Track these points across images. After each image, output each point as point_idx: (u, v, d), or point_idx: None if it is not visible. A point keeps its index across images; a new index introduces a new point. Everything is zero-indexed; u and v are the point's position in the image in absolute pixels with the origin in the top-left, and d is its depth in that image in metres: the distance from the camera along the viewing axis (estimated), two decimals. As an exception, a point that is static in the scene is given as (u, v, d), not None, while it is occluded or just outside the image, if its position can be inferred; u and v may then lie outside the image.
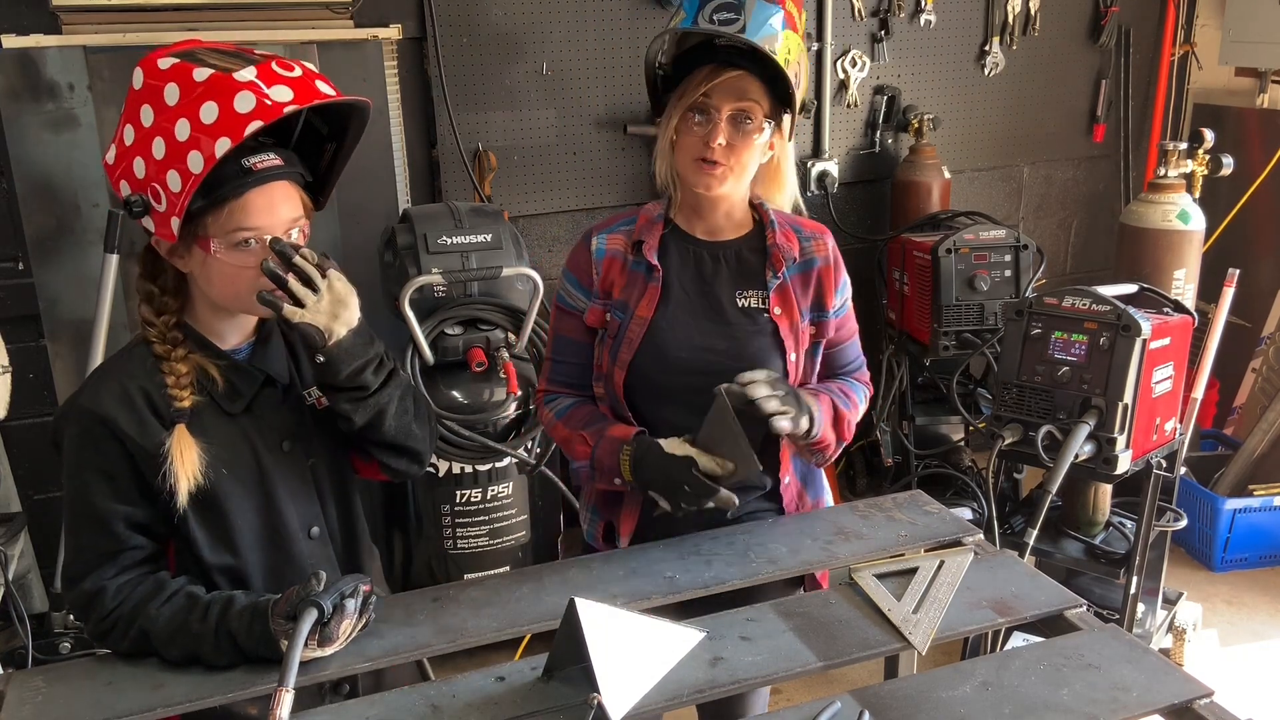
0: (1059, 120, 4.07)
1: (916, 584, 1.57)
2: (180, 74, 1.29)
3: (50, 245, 2.83)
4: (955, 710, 1.30)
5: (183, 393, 1.38)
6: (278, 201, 1.38)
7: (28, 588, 2.92)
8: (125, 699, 1.32)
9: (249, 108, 1.27)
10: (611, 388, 1.71)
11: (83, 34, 2.75)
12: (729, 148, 1.58)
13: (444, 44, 3.12)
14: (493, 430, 2.71)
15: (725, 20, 1.52)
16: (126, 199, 1.34)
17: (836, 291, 1.73)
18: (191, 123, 1.27)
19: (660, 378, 1.68)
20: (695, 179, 1.63)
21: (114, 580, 1.38)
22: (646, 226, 1.71)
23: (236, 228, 1.34)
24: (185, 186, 1.28)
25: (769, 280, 1.69)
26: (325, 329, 1.37)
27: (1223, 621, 3.29)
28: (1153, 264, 2.88)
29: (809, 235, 1.74)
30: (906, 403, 3.53)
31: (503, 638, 1.47)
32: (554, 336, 1.79)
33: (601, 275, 1.71)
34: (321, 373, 1.42)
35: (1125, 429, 2.18)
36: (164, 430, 1.37)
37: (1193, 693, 1.33)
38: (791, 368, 1.70)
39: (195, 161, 1.27)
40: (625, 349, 1.68)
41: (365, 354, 1.43)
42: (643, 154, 3.46)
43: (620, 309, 1.69)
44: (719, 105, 1.57)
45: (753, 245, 1.72)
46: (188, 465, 1.36)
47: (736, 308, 1.69)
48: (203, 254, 1.36)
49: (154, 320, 1.40)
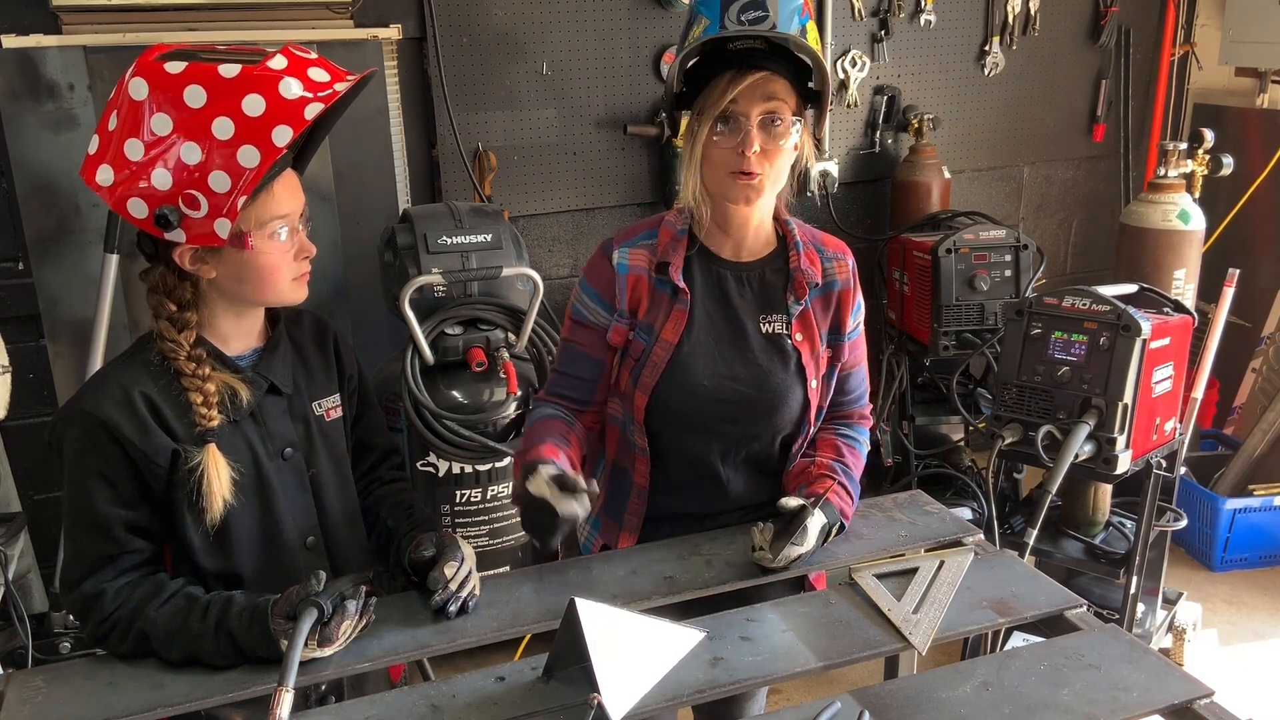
0: (1059, 120, 4.07)
1: (916, 584, 1.57)
2: (200, 74, 1.26)
3: (50, 245, 2.83)
4: (955, 710, 1.30)
5: (212, 412, 1.38)
6: (294, 187, 1.40)
7: (28, 588, 2.91)
8: (125, 699, 1.32)
9: (298, 92, 1.26)
10: (630, 410, 1.67)
11: (83, 34, 2.75)
12: (763, 155, 1.52)
13: (444, 44, 3.12)
14: (493, 430, 2.71)
15: (755, 19, 1.45)
16: (157, 214, 1.28)
17: (853, 314, 1.71)
18: (235, 119, 1.25)
19: (681, 403, 1.64)
20: (733, 194, 1.56)
21: (113, 583, 1.37)
22: (671, 245, 1.64)
23: (272, 217, 1.35)
24: (238, 184, 1.26)
25: (791, 306, 1.65)
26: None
27: (1223, 621, 3.29)
28: (1153, 264, 2.88)
29: (831, 256, 1.69)
30: (906, 403, 3.53)
31: (503, 638, 1.47)
32: (565, 348, 1.72)
33: (628, 294, 1.64)
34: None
35: (1125, 429, 2.18)
36: (166, 436, 1.37)
37: (1193, 693, 1.33)
38: (813, 395, 1.68)
39: (249, 156, 1.25)
40: (649, 373, 1.63)
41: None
42: (643, 154, 3.46)
43: (645, 331, 1.64)
44: (746, 111, 1.50)
45: (776, 267, 1.67)
46: (224, 485, 1.37)
47: (760, 334, 1.65)
48: (237, 253, 1.35)
49: (176, 339, 1.38)
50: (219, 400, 1.39)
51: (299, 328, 1.57)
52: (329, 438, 1.56)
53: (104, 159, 1.30)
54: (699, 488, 1.72)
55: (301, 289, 1.44)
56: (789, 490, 1.71)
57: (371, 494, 1.68)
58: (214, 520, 1.38)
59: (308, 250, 1.43)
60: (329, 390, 1.57)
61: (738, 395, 1.63)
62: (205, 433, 1.37)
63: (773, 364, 1.65)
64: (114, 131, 1.29)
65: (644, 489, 1.72)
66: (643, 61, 3.38)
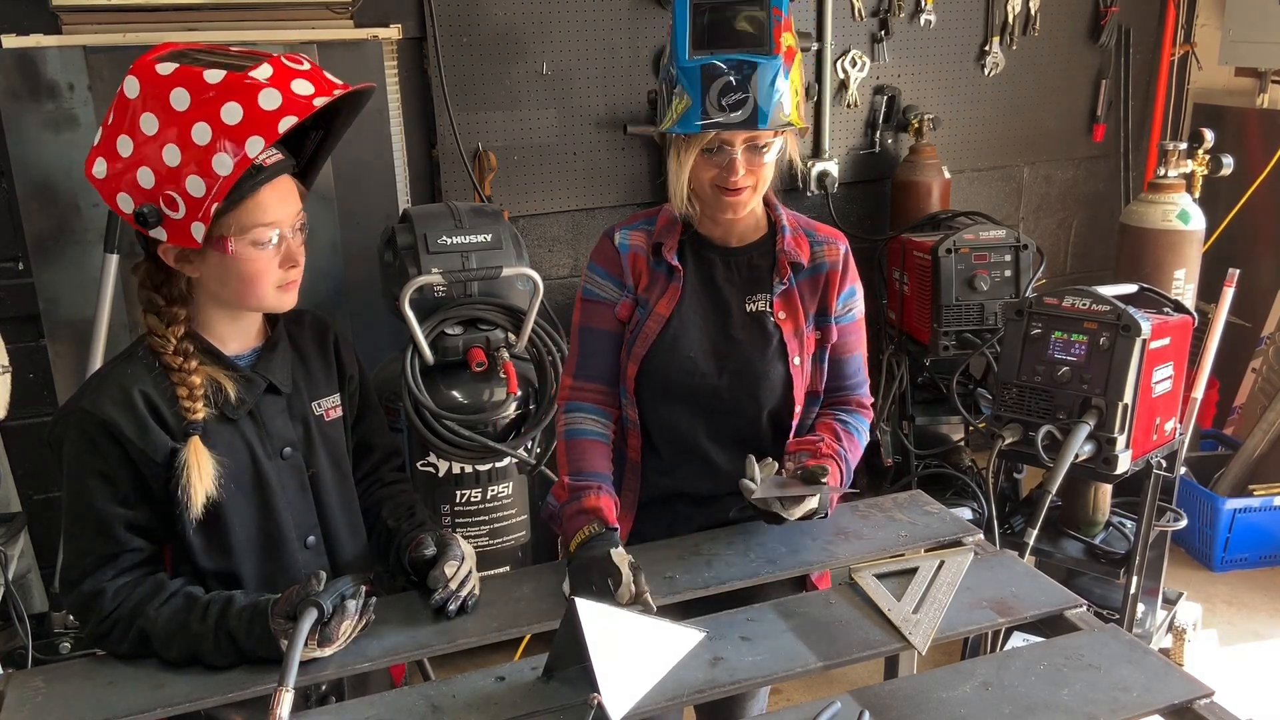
0: (1059, 120, 4.07)
1: (916, 584, 1.57)
2: (187, 78, 1.27)
3: (50, 245, 2.83)
4: (955, 710, 1.30)
5: (196, 405, 1.38)
6: (286, 195, 1.39)
7: (28, 588, 2.92)
8: (125, 699, 1.32)
9: (276, 104, 1.26)
10: (623, 381, 1.73)
11: (83, 34, 2.75)
12: (747, 173, 1.57)
13: (444, 44, 3.12)
14: (493, 430, 2.71)
15: (734, 104, 1.50)
16: (138, 210, 1.30)
17: (840, 296, 1.73)
18: (212, 125, 1.26)
19: (669, 375, 1.69)
20: (719, 208, 1.63)
21: (113, 582, 1.37)
22: (667, 229, 1.72)
23: (255, 224, 1.35)
24: (211, 190, 1.27)
25: (775, 286, 1.70)
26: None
27: (1223, 621, 3.29)
28: (1153, 264, 2.88)
29: (822, 240, 1.74)
30: (906, 403, 3.53)
31: (503, 638, 1.47)
32: (580, 331, 1.76)
33: (630, 270, 1.72)
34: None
35: (1125, 429, 2.18)
36: (166, 435, 1.37)
37: (1193, 693, 1.33)
38: (795, 371, 1.70)
39: (222, 163, 1.26)
40: (640, 343, 1.69)
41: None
42: (643, 154, 3.46)
43: (643, 306, 1.71)
44: (732, 140, 1.55)
45: (764, 250, 1.72)
46: (204, 478, 1.37)
47: (745, 313, 1.71)
48: (219, 256, 1.35)
49: (163, 333, 1.39)
50: (204, 394, 1.39)
51: (299, 327, 1.57)
52: (329, 438, 1.56)
53: (101, 152, 1.32)
54: (689, 466, 1.75)
55: (287, 296, 1.43)
56: (787, 454, 1.72)
57: (372, 495, 1.68)
58: (196, 514, 1.38)
59: (293, 259, 1.41)
60: (329, 390, 1.57)
61: (721, 369, 1.69)
62: (189, 425, 1.37)
63: (754, 340, 1.70)
64: (110, 126, 1.32)
65: (637, 464, 1.77)
66: (643, 61, 3.38)
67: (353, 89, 1.36)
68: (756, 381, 1.69)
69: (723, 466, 1.73)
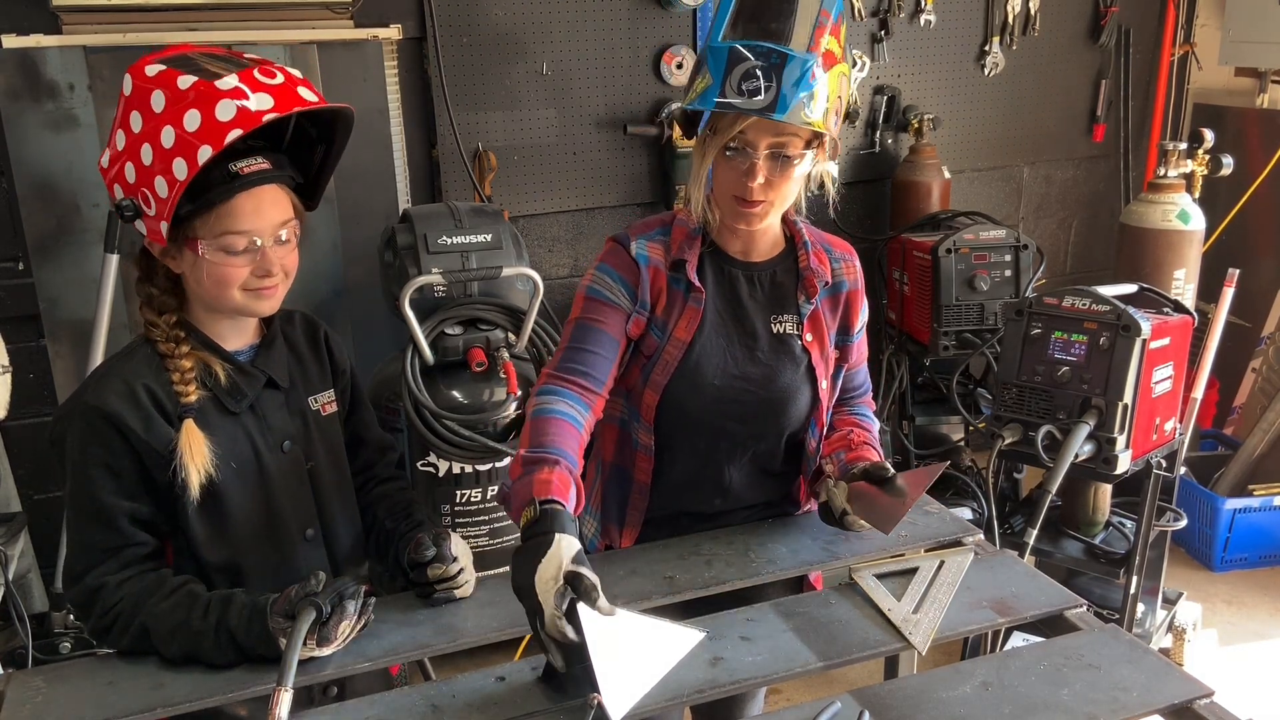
0: (1059, 120, 4.07)
1: (916, 584, 1.57)
2: (165, 81, 1.32)
3: (50, 245, 2.83)
4: (955, 710, 1.30)
5: (188, 388, 1.41)
6: (265, 205, 1.39)
7: (28, 588, 2.91)
8: (125, 699, 1.32)
9: (229, 116, 1.29)
10: (638, 408, 1.65)
11: (83, 34, 2.75)
12: (767, 184, 1.49)
13: (444, 44, 3.12)
14: (493, 430, 2.71)
15: (753, 90, 1.40)
16: (119, 203, 1.36)
17: (860, 314, 1.71)
18: (176, 130, 1.30)
19: (691, 403, 1.62)
20: (734, 217, 1.55)
21: (115, 576, 1.38)
22: (686, 243, 1.61)
23: (224, 231, 1.37)
24: (171, 193, 1.31)
25: (802, 306, 1.65)
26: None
27: (1223, 621, 3.29)
28: (1153, 264, 2.88)
29: (839, 257, 1.69)
30: (906, 403, 3.53)
31: (503, 638, 1.47)
32: (576, 324, 1.60)
33: (650, 285, 1.61)
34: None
35: (1125, 429, 2.18)
36: (169, 427, 1.39)
37: (1193, 693, 1.33)
38: (823, 395, 1.68)
39: (180, 168, 1.29)
40: (660, 371, 1.61)
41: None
42: (643, 154, 3.46)
43: (659, 328, 1.62)
44: (755, 142, 1.47)
45: (787, 266, 1.66)
46: (198, 458, 1.39)
47: (770, 334, 1.64)
48: (192, 256, 1.38)
49: (156, 320, 1.42)
50: (195, 376, 1.42)
51: (291, 326, 1.60)
52: (326, 432, 1.58)
53: (108, 144, 1.39)
54: (702, 487, 1.72)
55: (261, 302, 1.44)
56: (822, 457, 1.73)
57: (369, 491, 1.69)
58: (195, 495, 1.39)
59: (266, 268, 1.41)
60: (323, 386, 1.60)
61: (747, 395, 1.63)
62: (183, 409, 1.40)
63: (781, 364, 1.64)
64: (115, 121, 1.38)
65: (645, 485, 1.70)
66: (643, 61, 3.38)
67: (315, 106, 1.37)
68: (783, 407, 1.65)
69: (735, 486, 1.71)
